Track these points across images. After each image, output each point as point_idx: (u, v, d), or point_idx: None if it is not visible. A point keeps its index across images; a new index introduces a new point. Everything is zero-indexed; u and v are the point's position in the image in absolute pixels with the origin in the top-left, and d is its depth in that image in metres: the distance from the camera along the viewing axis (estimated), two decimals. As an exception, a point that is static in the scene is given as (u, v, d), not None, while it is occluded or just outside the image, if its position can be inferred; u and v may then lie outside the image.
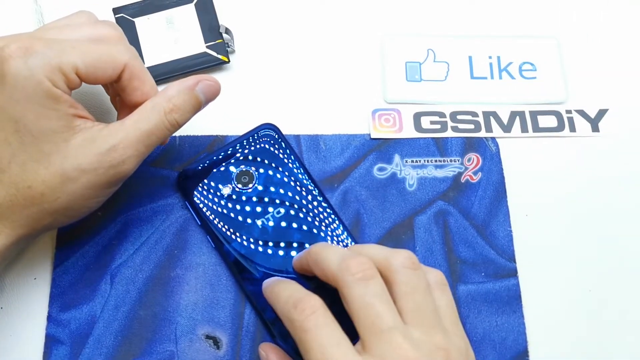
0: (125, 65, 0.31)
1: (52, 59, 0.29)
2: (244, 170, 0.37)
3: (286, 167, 0.37)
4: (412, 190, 0.39)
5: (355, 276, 0.28)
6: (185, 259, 0.36)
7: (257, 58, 0.42)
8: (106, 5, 0.43)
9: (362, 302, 0.28)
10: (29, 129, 0.29)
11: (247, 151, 0.37)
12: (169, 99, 0.32)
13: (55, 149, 0.29)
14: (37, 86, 0.29)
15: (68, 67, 0.29)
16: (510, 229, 0.38)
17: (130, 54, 0.32)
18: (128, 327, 0.35)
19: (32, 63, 0.28)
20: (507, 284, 0.37)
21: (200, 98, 0.33)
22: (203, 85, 0.33)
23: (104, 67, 0.31)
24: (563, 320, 0.36)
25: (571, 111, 0.42)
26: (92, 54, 0.30)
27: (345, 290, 0.28)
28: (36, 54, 0.29)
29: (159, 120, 0.31)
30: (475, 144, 0.40)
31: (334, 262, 0.29)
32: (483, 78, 0.42)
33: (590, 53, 0.44)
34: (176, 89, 0.32)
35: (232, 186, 0.36)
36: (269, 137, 0.38)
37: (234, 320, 0.35)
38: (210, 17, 0.42)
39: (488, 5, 0.45)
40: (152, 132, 0.31)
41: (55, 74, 0.29)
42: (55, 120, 0.29)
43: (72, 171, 0.30)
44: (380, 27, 0.44)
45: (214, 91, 0.34)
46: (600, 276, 0.37)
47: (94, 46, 0.31)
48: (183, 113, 0.32)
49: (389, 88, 0.42)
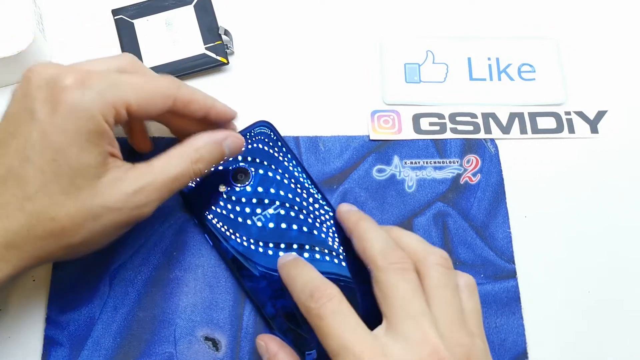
0: (175, 98, 0.32)
1: (108, 94, 0.29)
2: (240, 168, 0.37)
3: (282, 166, 0.37)
4: (411, 191, 0.39)
5: (394, 265, 0.29)
6: (184, 260, 0.36)
7: (256, 59, 0.42)
8: (105, 7, 0.43)
9: (395, 287, 0.29)
10: (68, 160, 0.28)
11: (243, 149, 0.37)
12: (197, 150, 0.32)
13: (88, 184, 0.29)
14: (89, 120, 0.29)
15: (121, 103, 0.30)
16: (509, 230, 0.38)
17: (177, 84, 0.32)
18: (127, 328, 0.35)
19: (89, 96, 0.29)
20: (506, 286, 0.37)
21: (226, 152, 0.34)
22: (230, 141, 0.34)
23: (154, 103, 0.31)
24: (562, 321, 0.36)
25: (570, 113, 0.42)
26: (145, 90, 0.31)
27: (380, 274, 0.29)
28: (93, 87, 0.29)
29: (185, 169, 0.32)
30: (475, 146, 0.40)
31: (377, 247, 0.30)
32: (482, 79, 0.42)
33: (589, 54, 0.44)
34: (204, 140, 0.33)
35: (229, 184, 0.36)
36: (264, 135, 0.38)
37: (233, 322, 0.35)
38: (210, 18, 0.42)
39: (487, 6, 0.45)
40: (178, 179, 0.31)
41: (108, 109, 0.29)
42: (94, 155, 0.29)
43: (98, 208, 0.29)
44: (379, 29, 0.44)
45: (239, 148, 0.35)
46: (599, 277, 0.37)
47: (145, 81, 0.31)
48: (207, 164, 0.33)
49: (388, 89, 0.42)
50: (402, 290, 0.28)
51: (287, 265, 0.32)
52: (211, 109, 0.34)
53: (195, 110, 0.33)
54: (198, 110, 0.33)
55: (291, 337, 0.33)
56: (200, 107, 0.33)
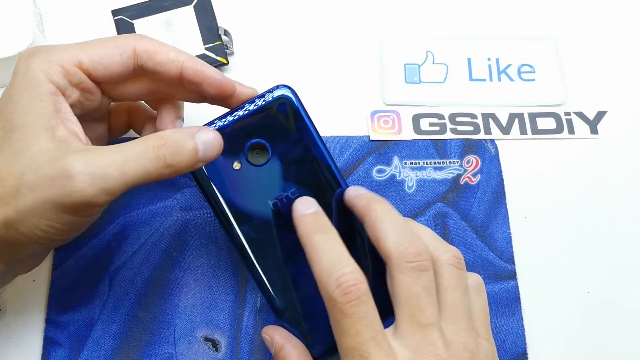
0: (135, 49, 0.30)
1: (53, 55, 0.29)
2: (257, 143, 0.32)
3: (303, 142, 0.32)
4: (411, 192, 0.39)
5: (410, 264, 0.28)
6: (183, 261, 0.36)
7: (256, 60, 0.42)
8: (105, 7, 0.43)
9: (409, 291, 0.28)
10: (10, 122, 0.28)
11: (260, 119, 0.32)
12: (162, 136, 0.28)
13: (25, 148, 0.27)
14: (31, 80, 0.28)
15: (68, 60, 0.29)
16: (509, 231, 0.38)
17: (139, 35, 0.31)
18: (127, 329, 0.35)
19: (33, 60, 0.29)
20: (506, 286, 0.37)
21: (199, 146, 0.28)
22: (204, 134, 0.29)
23: (109, 54, 0.29)
24: (562, 322, 0.36)
25: (570, 113, 0.42)
26: (98, 44, 0.30)
27: (395, 273, 0.28)
28: (39, 54, 0.29)
29: (143, 150, 0.27)
30: (474, 146, 0.40)
31: (393, 239, 0.28)
32: (482, 80, 0.42)
33: (588, 55, 0.44)
34: (173, 129, 0.29)
35: (244, 161, 0.32)
36: (285, 103, 0.32)
37: (233, 323, 0.35)
38: (209, 19, 0.42)
39: (487, 7, 0.45)
40: (130, 158, 0.27)
41: (52, 67, 0.29)
42: (35, 116, 0.28)
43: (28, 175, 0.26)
44: (379, 29, 0.44)
45: (216, 145, 0.29)
46: (599, 278, 0.37)
47: (99, 39, 0.30)
48: (174, 153, 0.28)
49: (387, 90, 0.42)
50: (416, 296, 0.28)
51: (307, 222, 0.29)
52: (186, 63, 0.30)
53: (163, 64, 0.30)
54: (167, 63, 0.30)
55: (300, 330, 0.32)
56: (169, 59, 0.30)
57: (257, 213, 0.32)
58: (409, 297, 0.28)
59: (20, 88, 0.28)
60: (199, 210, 0.37)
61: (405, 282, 0.28)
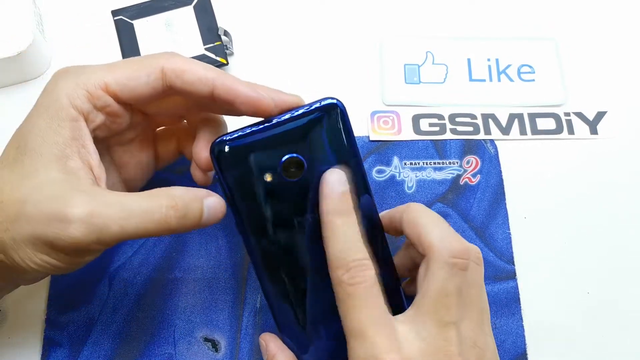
0: (162, 69, 0.29)
1: (80, 77, 0.28)
2: (294, 158, 0.30)
3: (346, 159, 0.30)
4: (411, 192, 0.39)
5: (452, 259, 0.28)
6: (183, 261, 0.36)
7: (256, 60, 0.42)
8: (105, 8, 0.43)
9: (442, 286, 0.28)
10: (25, 143, 0.27)
11: (302, 133, 0.30)
12: (172, 196, 0.28)
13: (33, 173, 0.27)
14: (53, 103, 0.28)
15: (93, 82, 0.28)
16: (509, 231, 0.38)
17: (167, 54, 0.29)
18: (126, 329, 0.35)
19: (60, 81, 0.28)
20: (505, 287, 0.37)
21: (204, 212, 0.28)
22: (212, 202, 0.29)
23: (136, 76, 0.28)
24: (562, 322, 0.36)
25: (569, 113, 0.42)
26: (124, 64, 0.29)
27: (434, 265, 0.28)
28: (68, 74, 0.28)
29: (150, 209, 0.27)
30: (474, 147, 0.40)
31: (438, 233, 0.29)
32: (482, 80, 0.42)
33: (588, 55, 0.44)
34: (184, 189, 0.28)
35: (277, 174, 0.30)
36: (330, 118, 0.30)
37: (232, 323, 0.35)
38: (209, 19, 0.42)
39: (487, 7, 0.45)
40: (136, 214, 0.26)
41: (77, 91, 0.28)
42: (50, 143, 0.27)
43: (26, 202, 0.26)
44: (379, 29, 0.44)
45: (219, 212, 0.29)
46: (598, 278, 0.37)
47: (126, 60, 0.29)
48: (181, 217, 0.27)
49: (387, 90, 0.42)
50: (447, 294, 0.28)
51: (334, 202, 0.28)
52: (216, 80, 0.29)
53: (193, 83, 0.29)
54: (196, 82, 0.29)
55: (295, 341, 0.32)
56: (198, 78, 0.29)
57: (279, 228, 0.30)
58: (440, 293, 0.28)
59: (41, 109, 0.28)
60: (199, 210, 0.37)
61: (441, 277, 0.28)
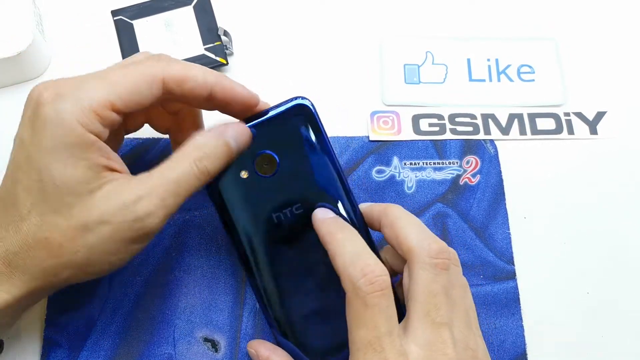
0: (162, 79, 0.29)
1: (84, 101, 0.27)
2: (266, 155, 0.32)
3: (314, 156, 0.32)
4: (411, 192, 0.39)
5: (433, 260, 0.28)
6: (183, 261, 0.36)
7: (256, 60, 0.42)
8: (105, 8, 0.43)
9: (428, 288, 0.28)
10: (52, 178, 0.27)
11: (273, 131, 0.32)
12: (199, 147, 0.30)
13: (78, 200, 0.27)
14: (69, 133, 0.27)
15: (101, 104, 0.27)
16: (509, 231, 0.38)
17: (163, 63, 0.29)
18: (126, 330, 0.35)
19: (62, 108, 0.27)
20: (505, 287, 0.37)
21: (232, 144, 0.30)
22: (233, 132, 0.31)
23: (140, 91, 0.28)
24: (561, 322, 0.36)
25: (569, 114, 0.42)
26: (125, 81, 0.28)
27: (416, 268, 0.28)
28: (66, 97, 0.27)
29: (187, 169, 0.29)
30: (474, 147, 0.40)
31: (416, 236, 0.29)
32: (481, 80, 0.42)
33: (588, 55, 0.44)
34: (206, 136, 0.30)
35: (251, 170, 0.32)
36: (300, 115, 0.32)
37: (232, 323, 0.35)
38: (209, 19, 0.42)
39: (487, 7, 0.45)
40: (180, 182, 0.29)
41: (87, 116, 0.27)
42: (82, 170, 0.27)
43: (93, 223, 0.27)
44: (379, 29, 0.44)
45: (246, 137, 0.31)
46: (598, 278, 0.37)
47: (123, 71, 0.29)
48: (214, 160, 0.30)
49: (387, 90, 0.42)
50: (434, 294, 0.28)
51: (328, 223, 0.30)
52: (215, 86, 0.30)
53: (193, 89, 0.30)
54: (196, 89, 0.30)
55: (295, 342, 0.32)
56: (198, 84, 0.30)
57: (259, 224, 0.32)
58: (427, 295, 0.28)
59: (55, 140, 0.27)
60: (199, 210, 0.37)
61: (425, 279, 0.28)
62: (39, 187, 0.27)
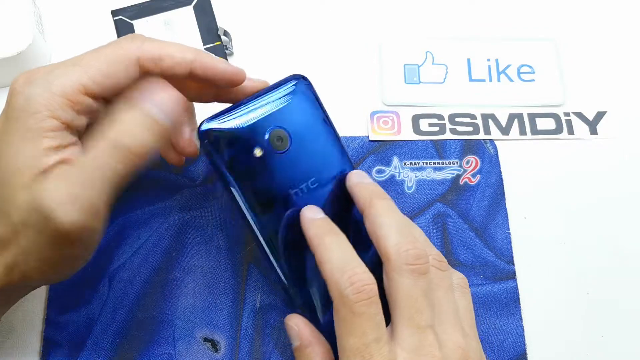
0: (138, 58, 0.28)
1: (54, 86, 0.26)
2: (278, 130, 0.31)
3: (320, 130, 0.32)
4: (411, 192, 0.39)
5: (410, 266, 0.28)
6: (183, 261, 0.36)
7: (256, 60, 0.42)
8: (105, 8, 0.43)
9: (408, 293, 0.28)
10: (7, 163, 0.26)
11: (279, 106, 0.31)
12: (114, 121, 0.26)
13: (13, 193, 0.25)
14: (30, 118, 0.25)
15: (72, 89, 0.26)
16: (509, 231, 0.38)
17: (138, 41, 0.28)
18: (126, 329, 0.35)
19: (32, 93, 0.26)
20: (505, 287, 0.37)
21: (156, 114, 0.27)
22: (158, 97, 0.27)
23: (114, 72, 0.27)
24: (561, 322, 0.36)
25: (569, 114, 0.42)
26: (98, 63, 0.27)
27: (394, 274, 0.28)
28: (36, 83, 0.26)
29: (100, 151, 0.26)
30: (474, 147, 0.40)
31: (393, 239, 0.28)
32: (481, 80, 0.42)
33: (588, 55, 0.44)
34: (121, 106, 0.27)
35: (266, 148, 0.31)
36: (302, 91, 0.32)
37: (232, 323, 0.35)
38: (209, 19, 0.42)
39: (486, 7, 0.45)
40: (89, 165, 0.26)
41: (57, 101, 0.26)
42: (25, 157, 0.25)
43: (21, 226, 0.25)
44: (379, 30, 0.44)
45: (174, 103, 0.27)
46: (598, 278, 0.37)
47: (95, 54, 0.27)
48: (132, 135, 0.26)
49: (387, 90, 0.42)
50: (415, 299, 0.28)
51: (317, 225, 0.30)
52: (194, 62, 0.28)
53: (171, 68, 0.28)
54: (175, 67, 0.28)
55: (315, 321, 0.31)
56: (176, 62, 0.28)
57: (278, 202, 0.31)
58: (408, 299, 0.28)
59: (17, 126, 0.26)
60: (199, 210, 0.37)
61: (404, 285, 0.28)
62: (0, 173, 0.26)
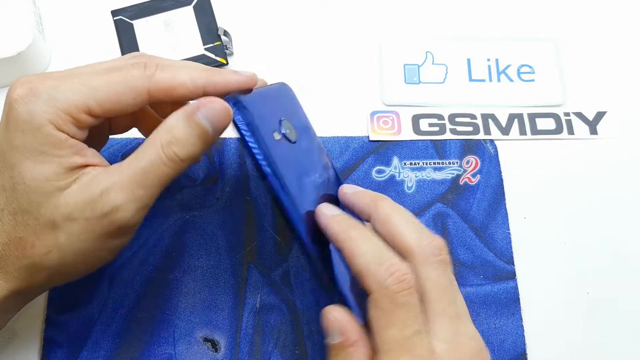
0: (148, 90, 0.28)
1: (59, 101, 0.27)
2: (287, 121, 0.31)
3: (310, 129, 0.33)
4: (411, 192, 0.39)
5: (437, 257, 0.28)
6: (183, 261, 0.36)
7: (256, 60, 0.42)
8: (105, 8, 0.43)
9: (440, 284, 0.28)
10: (22, 176, 0.27)
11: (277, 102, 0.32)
12: (168, 130, 0.27)
13: (46, 199, 0.27)
14: (37, 131, 0.26)
15: (76, 107, 0.27)
16: (509, 231, 0.38)
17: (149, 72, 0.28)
18: (126, 329, 0.35)
19: (35, 107, 0.26)
20: (505, 287, 0.37)
21: (205, 126, 0.28)
22: (206, 110, 0.28)
23: (121, 100, 0.27)
24: (561, 322, 0.36)
25: (569, 114, 0.42)
26: (106, 88, 0.27)
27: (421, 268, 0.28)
28: (40, 97, 0.27)
29: (154, 156, 0.27)
30: (474, 147, 0.40)
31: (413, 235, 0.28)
32: (481, 80, 0.42)
33: (588, 55, 0.44)
34: (175, 117, 0.28)
35: (281, 134, 0.30)
36: (290, 94, 0.33)
37: (232, 323, 0.35)
38: (209, 19, 0.42)
39: (487, 7, 0.45)
40: (148, 170, 0.27)
41: (60, 117, 0.27)
42: (50, 168, 0.27)
43: (62, 221, 0.27)
44: (379, 30, 0.44)
45: (222, 116, 0.28)
46: (598, 278, 0.37)
47: (106, 78, 0.27)
48: (184, 145, 0.27)
49: (387, 90, 0.42)
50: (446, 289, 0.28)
51: (338, 221, 0.29)
52: (207, 87, 0.28)
53: (184, 96, 0.28)
54: (188, 95, 0.28)
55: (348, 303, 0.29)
56: (190, 91, 0.28)
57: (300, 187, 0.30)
58: (441, 291, 0.28)
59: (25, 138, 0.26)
60: (199, 210, 0.37)
61: (435, 276, 0.28)
62: (11, 185, 0.27)
